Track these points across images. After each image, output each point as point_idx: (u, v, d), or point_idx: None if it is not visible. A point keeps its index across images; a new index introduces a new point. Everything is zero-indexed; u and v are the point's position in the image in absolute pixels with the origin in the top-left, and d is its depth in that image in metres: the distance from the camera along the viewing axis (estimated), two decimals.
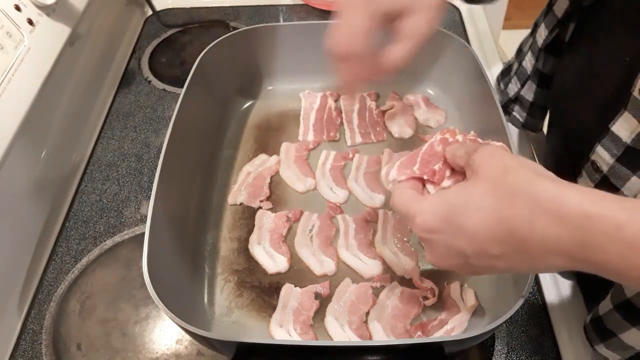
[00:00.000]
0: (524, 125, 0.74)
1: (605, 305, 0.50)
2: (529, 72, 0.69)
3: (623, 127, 0.46)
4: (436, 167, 0.45)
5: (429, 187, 0.46)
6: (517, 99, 0.72)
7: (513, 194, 0.35)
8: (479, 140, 0.46)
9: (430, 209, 0.41)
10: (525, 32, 0.73)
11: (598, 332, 0.52)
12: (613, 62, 0.51)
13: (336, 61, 0.55)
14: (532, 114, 0.72)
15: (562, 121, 0.65)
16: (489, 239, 0.37)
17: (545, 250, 0.34)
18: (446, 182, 0.44)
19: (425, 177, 0.45)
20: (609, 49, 0.53)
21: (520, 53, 0.73)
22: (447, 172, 0.45)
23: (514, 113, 0.74)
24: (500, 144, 0.43)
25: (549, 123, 0.71)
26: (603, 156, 0.48)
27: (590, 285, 0.63)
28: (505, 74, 0.76)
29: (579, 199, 0.33)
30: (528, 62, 0.69)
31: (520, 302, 0.47)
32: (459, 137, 0.47)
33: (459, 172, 0.44)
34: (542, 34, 0.64)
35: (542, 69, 0.67)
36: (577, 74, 0.59)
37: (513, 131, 0.76)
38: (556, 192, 0.34)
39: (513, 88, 0.73)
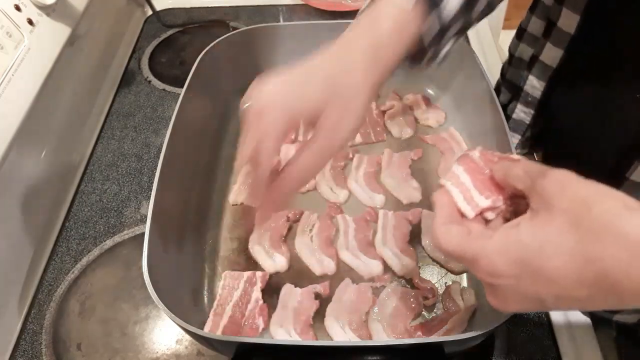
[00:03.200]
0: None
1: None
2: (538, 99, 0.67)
3: None
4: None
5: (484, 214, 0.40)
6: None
7: (601, 231, 0.31)
8: (497, 154, 0.41)
9: (498, 250, 0.36)
10: None
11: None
12: (626, 103, 0.49)
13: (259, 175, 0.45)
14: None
15: (566, 160, 0.64)
16: (573, 283, 0.32)
17: None
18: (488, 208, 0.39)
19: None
20: (621, 89, 0.51)
21: (521, 71, 0.70)
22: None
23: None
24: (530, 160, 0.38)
25: (544, 157, 0.70)
26: None
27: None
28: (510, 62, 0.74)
29: None
30: (531, 88, 0.66)
31: None
32: (476, 154, 0.42)
33: (505, 191, 0.39)
34: (553, 57, 0.61)
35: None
36: (588, 114, 0.56)
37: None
38: None
39: (523, 117, 0.70)
